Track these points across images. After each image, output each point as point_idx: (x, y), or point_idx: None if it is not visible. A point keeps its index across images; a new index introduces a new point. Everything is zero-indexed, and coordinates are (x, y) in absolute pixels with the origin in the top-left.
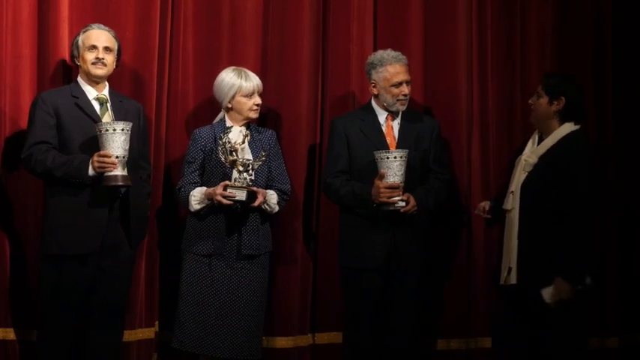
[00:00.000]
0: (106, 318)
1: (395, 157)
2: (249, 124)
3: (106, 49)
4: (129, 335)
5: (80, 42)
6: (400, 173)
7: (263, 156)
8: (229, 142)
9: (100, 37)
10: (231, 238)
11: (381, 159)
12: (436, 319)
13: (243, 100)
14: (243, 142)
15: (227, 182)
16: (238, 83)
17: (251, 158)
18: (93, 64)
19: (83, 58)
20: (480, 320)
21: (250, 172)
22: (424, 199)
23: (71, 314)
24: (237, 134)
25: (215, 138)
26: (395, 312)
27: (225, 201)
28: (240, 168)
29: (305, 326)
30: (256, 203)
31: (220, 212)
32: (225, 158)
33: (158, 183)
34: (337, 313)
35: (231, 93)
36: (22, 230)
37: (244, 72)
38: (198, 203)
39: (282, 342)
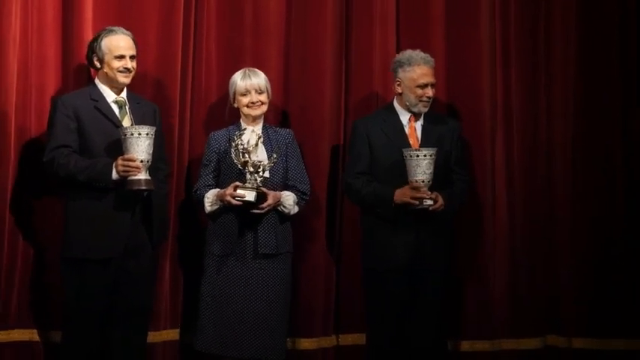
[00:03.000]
0: (130, 319)
1: (425, 156)
2: (265, 125)
3: (132, 57)
4: (154, 336)
5: (105, 47)
6: (429, 171)
7: (275, 158)
8: (241, 144)
9: (126, 44)
10: (247, 237)
11: (411, 157)
12: (460, 320)
13: (240, 97)
14: (256, 144)
15: (237, 183)
16: (235, 82)
17: (262, 159)
18: (120, 72)
19: (109, 66)
20: (504, 322)
21: (261, 173)
22: (450, 200)
23: (95, 316)
24: (250, 135)
25: (230, 140)
26: (419, 312)
27: (234, 201)
28: (251, 169)
29: (329, 327)
30: (264, 205)
31: (234, 213)
32: (237, 160)
33: (182, 185)
34: (361, 314)
35: (232, 92)
36: (45, 233)
37: (247, 71)
38: (211, 205)
39: (306, 343)
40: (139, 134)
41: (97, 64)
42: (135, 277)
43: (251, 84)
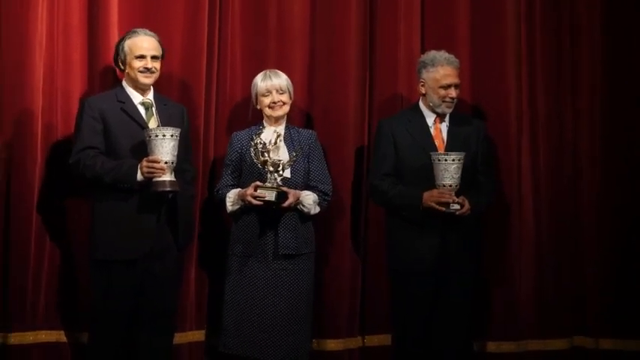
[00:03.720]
0: (156, 321)
1: (453, 160)
2: (287, 125)
3: (154, 57)
4: (180, 338)
5: (127, 48)
6: (457, 176)
7: (294, 156)
8: (261, 143)
9: (147, 45)
10: (267, 238)
11: (439, 161)
12: (486, 321)
13: (261, 98)
14: (276, 143)
15: (258, 183)
16: (257, 83)
17: (282, 158)
18: (141, 72)
19: (130, 66)
20: (531, 323)
21: (281, 172)
22: (477, 202)
23: (120, 317)
24: (270, 135)
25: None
26: (445, 314)
27: (254, 201)
28: (271, 168)
29: (354, 328)
30: (285, 204)
31: (255, 213)
32: (256, 159)
33: (208, 186)
34: (387, 315)
35: (254, 93)
36: (72, 234)
37: (268, 72)
38: (232, 205)
39: (332, 344)
40: (164, 136)
41: (121, 66)
42: (160, 279)
43: (272, 84)
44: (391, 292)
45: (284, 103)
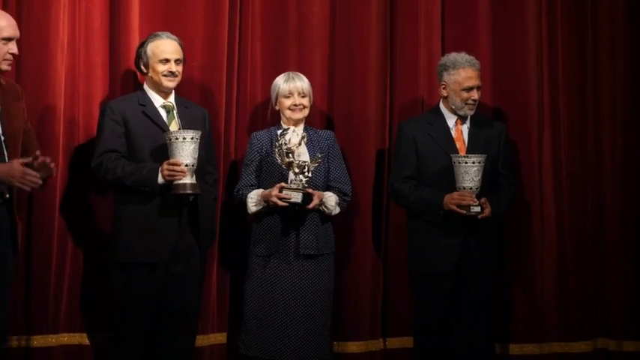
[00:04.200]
0: (178, 323)
1: (473, 162)
2: (306, 127)
3: (177, 61)
4: (202, 340)
5: (150, 52)
6: (477, 178)
7: (319, 158)
8: (286, 144)
9: (171, 49)
10: (289, 238)
11: (459, 163)
12: (508, 323)
13: (282, 100)
14: (300, 144)
15: (283, 184)
16: (279, 84)
17: (307, 160)
18: (165, 76)
19: (154, 70)
20: (554, 325)
21: (306, 173)
22: (498, 205)
23: (142, 320)
24: (293, 136)
25: (272, 140)
26: (466, 316)
27: (280, 202)
28: (296, 170)
29: (376, 330)
30: (311, 206)
31: (277, 213)
32: (281, 160)
33: (229, 189)
34: (409, 317)
35: (274, 94)
36: (94, 237)
37: (290, 74)
38: (255, 205)
39: (354, 347)
40: (184, 139)
41: (144, 69)
42: (182, 281)
43: (294, 86)
44: (413, 295)
45: (304, 107)
